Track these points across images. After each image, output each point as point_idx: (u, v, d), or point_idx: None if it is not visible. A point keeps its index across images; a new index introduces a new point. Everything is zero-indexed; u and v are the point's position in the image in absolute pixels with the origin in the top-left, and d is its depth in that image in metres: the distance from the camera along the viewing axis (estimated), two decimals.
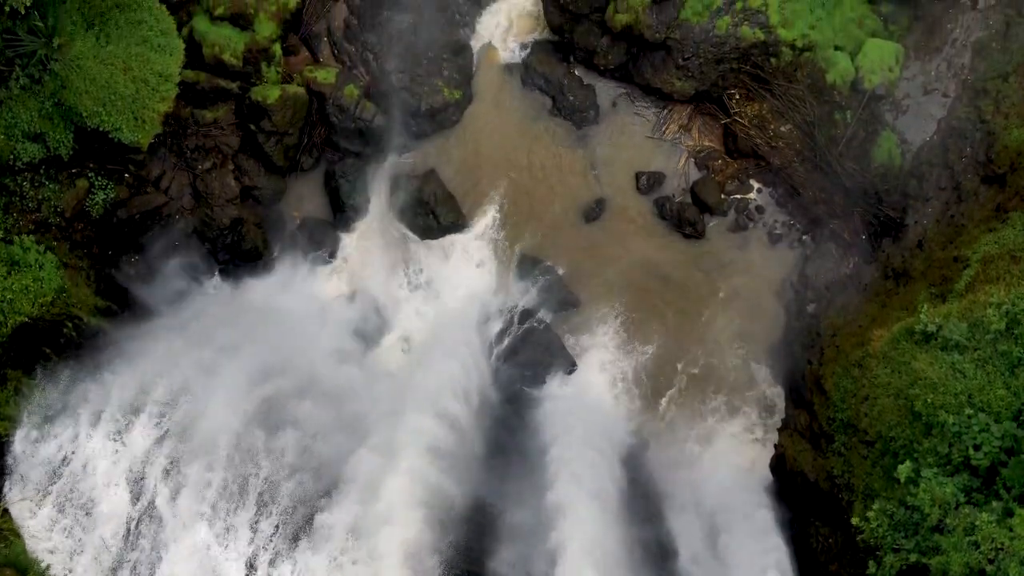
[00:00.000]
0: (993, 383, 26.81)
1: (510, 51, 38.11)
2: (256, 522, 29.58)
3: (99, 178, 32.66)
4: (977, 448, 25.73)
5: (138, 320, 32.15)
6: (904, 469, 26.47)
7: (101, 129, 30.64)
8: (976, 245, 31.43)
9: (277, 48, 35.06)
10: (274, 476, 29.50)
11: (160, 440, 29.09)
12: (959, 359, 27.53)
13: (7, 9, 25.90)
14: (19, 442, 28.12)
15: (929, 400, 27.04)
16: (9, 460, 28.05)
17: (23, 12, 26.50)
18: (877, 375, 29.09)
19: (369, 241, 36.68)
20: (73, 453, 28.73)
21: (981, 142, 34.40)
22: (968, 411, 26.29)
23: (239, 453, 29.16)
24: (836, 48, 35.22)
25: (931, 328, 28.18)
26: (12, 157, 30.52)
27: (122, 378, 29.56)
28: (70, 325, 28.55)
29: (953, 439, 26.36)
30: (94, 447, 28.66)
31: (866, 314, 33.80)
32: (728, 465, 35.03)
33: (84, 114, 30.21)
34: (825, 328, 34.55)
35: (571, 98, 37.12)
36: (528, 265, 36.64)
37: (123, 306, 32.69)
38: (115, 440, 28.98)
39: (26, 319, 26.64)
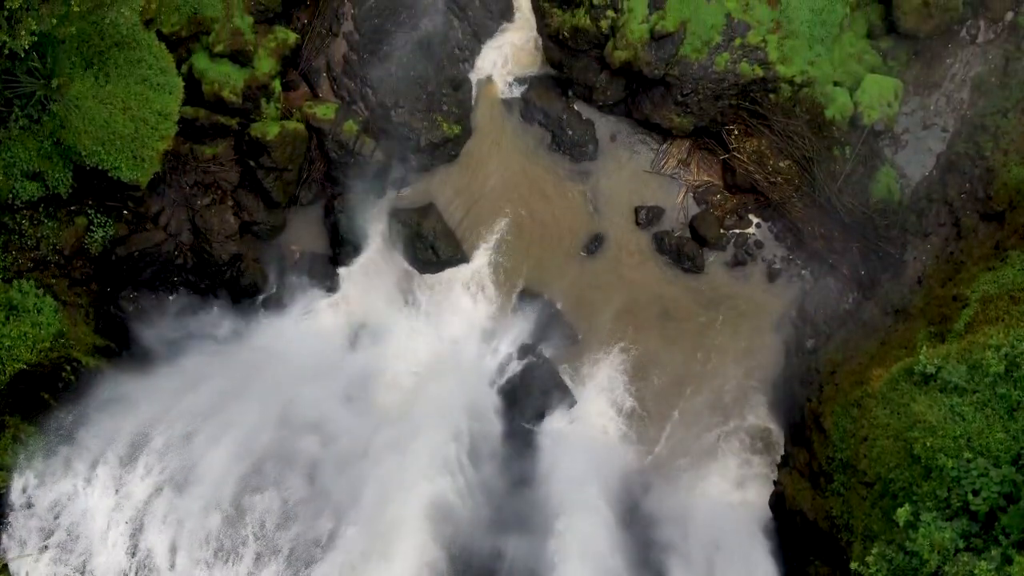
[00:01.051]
0: (992, 427, 26.73)
1: (509, 85, 38.14)
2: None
3: (98, 215, 32.67)
4: (976, 493, 25.64)
5: (137, 360, 32.11)
6: (903, 513, 26.39)
7: (100, 168, 30.64)
8: (975, 284, 31.38)
9: (277, 84, 35.08)
10: (271, 529, 29.33)
11: (159, 490, 28.95)
12: (958, 401, 27.46)
13: (6, 51, 25.89)
14: (17, 493, 28.00)
15: (928, 444, 26.97)
16: (7, 512, 27.87)
17: (22, 55, 26.50)
18: (876, 416, 29.01)
19: (368, 275, 36.63)
20: (71, 503, 28.56)
21: (980, 178, 34.39)
22: (967, 455, 26.22)
23: (235, 509, 29.01)
24: (835, 84, 35.21)
25: (930, 369, 28.11)
26: (11, 196, 30.56)
27: (121, 426, 29.41)
28: (68, 368, 28.46)
29: (952, 484, 26.27)
30: (92, 498, 28.51)
31: (865, 351, 33.72)
32: (727, 501, 34.95)
33: (83, 153, 30.23)
34: (824, 364, 34.47)
35: (570, 132, 37.15)
36: (527, 299, 36.63)
37: (122, 344, 32.66)
38: (114, 491, 28.80)
39: (24, 366, 26.53)
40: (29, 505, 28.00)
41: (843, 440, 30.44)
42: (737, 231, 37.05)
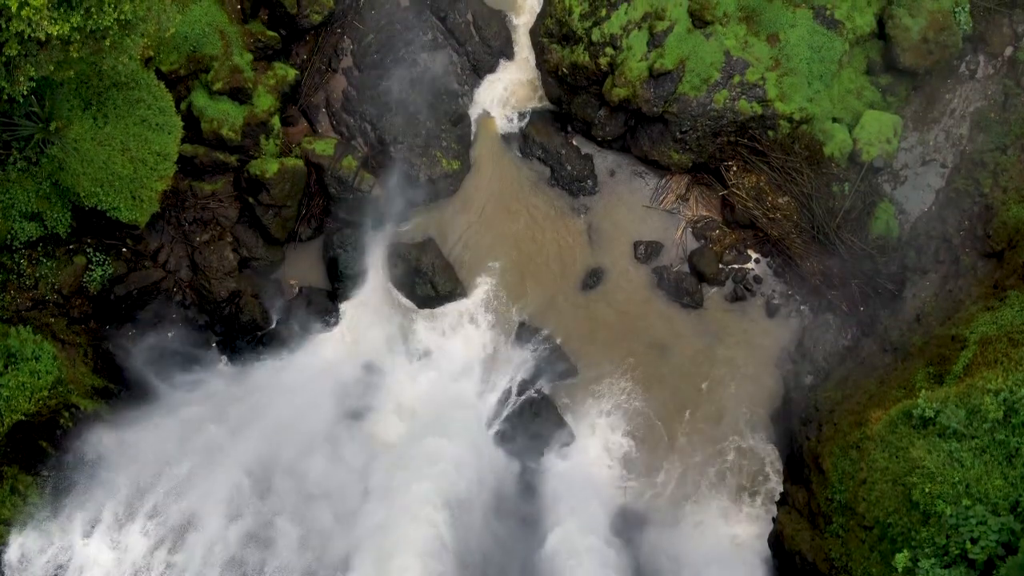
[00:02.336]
0: (991, 473, 26.70)
1: (508, 120, 38.12)
2: None
3: (97, 254, 32.67)
4: (974, 541, 25.63)
5: (135, 401, 31.99)
6: (901, 558, 26.43)
7: (99, 208, 30.64)
8: (974, 324, 31.35)
9: (276, 121, 35.07)
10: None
11: (159, 543, 28.77)
12: (957, 447, 27.43)
13: (4, 97, 25.89)
14: (15, 549, 27.74)
15: (927, 490, 26.94)
16: (4, 571, 27.64)
17: (20, 101, 26.50)
18: (875, 459, 28.98)
19: (367, 310, 36.57)
20: (70, 560, 28.33)
21: (979, 216, 34.40)
22: (966, 502, 26.22)
23: (235, 559, 28.95)
24: (834, 120, 35.22)
25: (929, 413, 28.09)
26: (10, 236, 30.60)
27: (119, 475, 29.22)
28: (67, 415, 28.33)
29: (951, 531, 26.26)
30: (91, 553, 28.28)
31: (864, 390, 33.67)
32: (727, 539, 34.88)
33: (82, 194, 30.24)
34: (823, 402, 34.42)
35: (569, 168, 37.14)
36: (526, 334, 36.59)
37: (120, 383, 32.57)
38: (113, 546, 28.58)
39: (23, 417, 26.46)
40: (28, 561, 27.76)
41: (842, 482, 30.42)
42: (736, 266, 37.02)
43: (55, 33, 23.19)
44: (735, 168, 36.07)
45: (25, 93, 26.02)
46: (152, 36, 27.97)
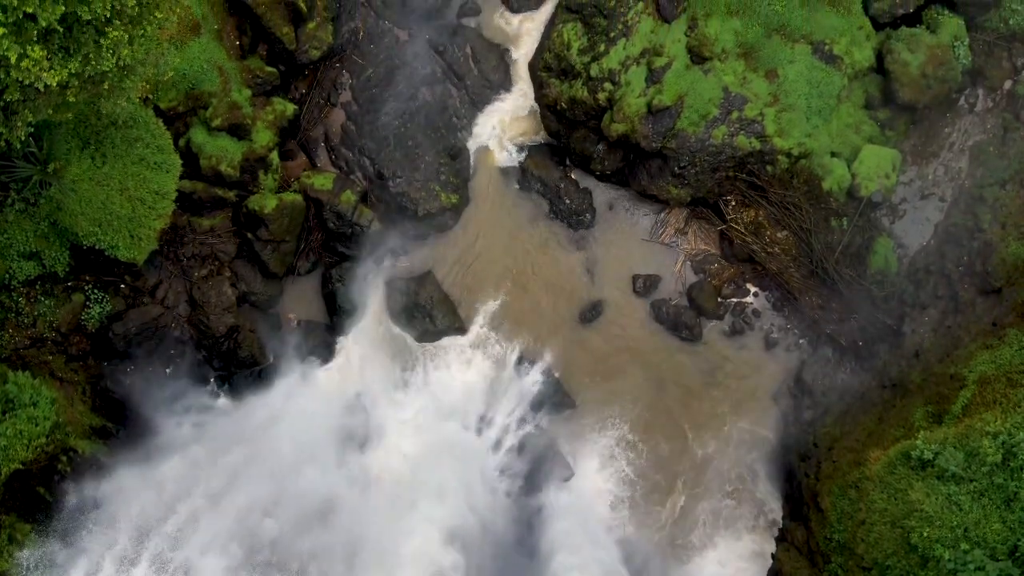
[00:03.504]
0: (989, 517, 26.71)
1: (507, 153, 38.08)
2: None
3: (95, 291, 32.66)
4: None
5: (134, 441, 31.91)
6: None
7: (97, 247, 30.64)
8: (973, 363, 31.33)
9: (275, 156, 35.06)
10: None
11: None
12: (955, 490, 27.43)
13: (2, 142, 25.90)
14: None
15: (925, 534, 26.94)
16: None
17: (19, 146, 26.52)
18: (874, 500, 28.97)
19: (366, 344, 36.55)
20: None
21: (978, 252, 34.35)
22: (964, 546, 26.26)
23: None
24: (833, 154, 35.18)
25: (927, 455, 28.09)
26: (8, 276, 30.61)
27: (118, 522, 28.99)
28: (64, 459, 28.19)
29: (949, 575, 26.24)
30: None
31: (863, 427, 33.64)
32: (726, 574, 34.84)
33: (80, 234, 30.23)
34: (822, 438, 34.39)
35: (568, 201, 37.13)
36: (525, 367, 36.57)
37: (118, 421, 32.53)
38: None
39: (20, 466, 26.37)
40: None
41: (841, 521, 30.39)
42: (735, 300, 37.01)
43: (54, 84, 23.16)
44: (734, 202, 36.06)
45: (23, 138, 26.05)
46: (151, 79, 27.95)
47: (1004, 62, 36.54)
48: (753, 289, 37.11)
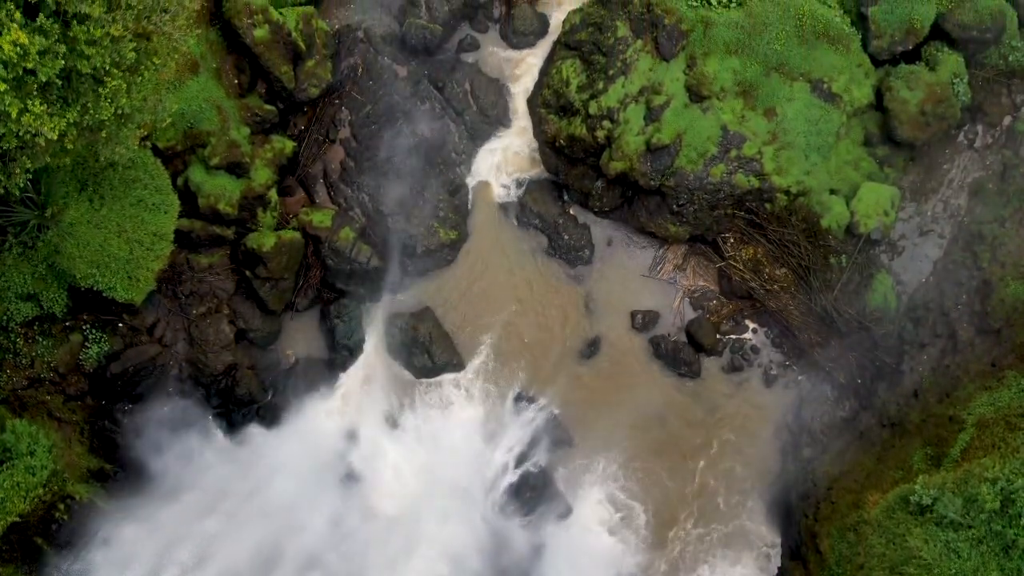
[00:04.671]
0: (987, 564, 26.65)
1: (506, 189, 38.08)
2: None
3: (93, 331, 32.61)
4: None
5: (131, 484, 31.77)
6: None
7: (95, 289, 30.61)
8: (972, 405, 31.32)
9: (273, 194, 35.02)
10: None
11: None
12: (953, 537, 27.36)
13: (1, 189, 25.89)
14: None
15: None
16: None
17: (18, 194, 26.51)
18: (873, 544, 28.93)
19: (364, 380, 36.42)
20: None
21: (977, 290, 34.33)
22: None
23: None
24: (831, 191, 35.18)
25: (926, 500, 28.04)
26: (6, 317, 30.58)
27: (119, 571, 28.86)
28: (62, 507, 28.09)
29: None
30: None
31: (862, 466, 33.61)
32: None
33: (78, 276, 30.19)
34: (821, 477, 34.34)
35: (566, 237, 37.10)
36: (523, 403, 36.52)
37: (115, 462, 32.41)
38: None
39: (18, 518, 26.24)
40: None
41: (840, 564, 30.34)
42: (734, 336, 36.97)
43: (54, 137, 23.18)
44: (732, 240, 36.04)
45: (22, 185, 26.04)
46: (149, 125, 27.94)
47: (1003, 98, 36.56)
48: (752, 326, 37.08)
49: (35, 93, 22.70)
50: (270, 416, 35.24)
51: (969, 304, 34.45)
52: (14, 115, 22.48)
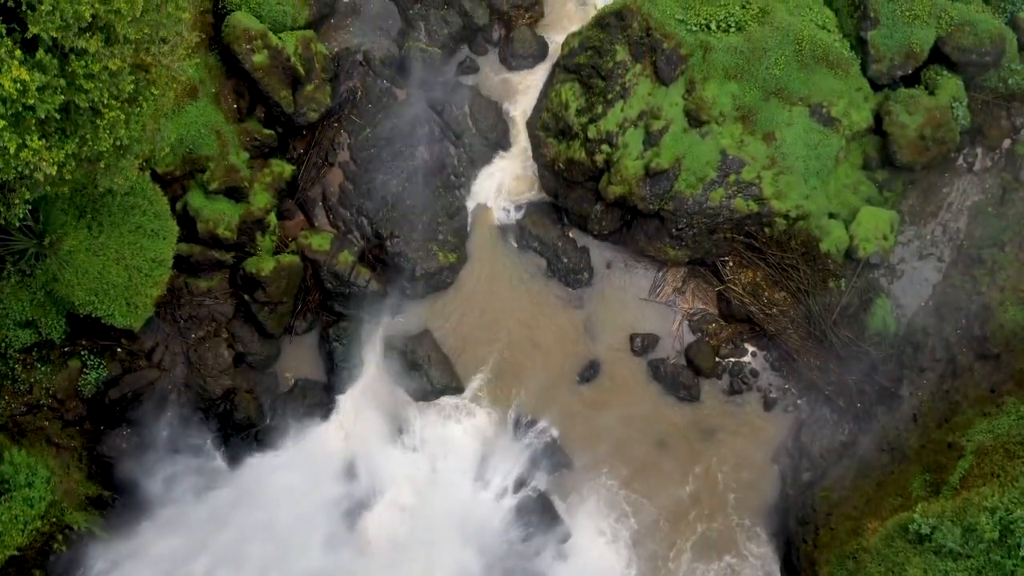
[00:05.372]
0: None
1: (505, 212, 38.04)
2: None
3: (91, 357, 32.61)
4: None
5: (130, 511, 31.70)
6: None
7: (93, 315, 30.59)
8: (971, 432, 31.30)
9: (272, 218, 34.99)
10: None
11: None
12: (952, 567, 27.33)
13: (1, 223, 25.89)
14: None
15: None
16: None
17: (17, 225, 26.49)
18: (871, 573, 28.96)
19: (363, 403, 36.28)
20: None
21: (976, 315, 34.30)
22: None
23: None
24: (830, 215, 35.16)
25: (925, 529, 28.00)
26: (4, 344, 30.57)
27: None
28: (60, 538, 28.01)
29: None
30: None
31: (861, 492, 33.56)
32: None
33: (76, 303, 30.17)
34: (820, 502, 34.28)
35: (565, 260, 37.08)
36: (522, 427, 36.44)
37: (114, 489, 32.36)
38: None
39: (16, 552, 26.18)
40: None
41: None
42: (733, 360, 36.93)
43: (53, 172, 23.16)
44: (731, 263, 36.02)
45: (21, 216, 26.02)
46: (147, 154, 27.91)
47: (1003, 121, 36.55)
48: (751, 349, 37.05)
49: (33, 128, 22.68)
50: (269, 440, 35.15)
51: (968, 328, 34.42)
52: (12, 150, 22.45)
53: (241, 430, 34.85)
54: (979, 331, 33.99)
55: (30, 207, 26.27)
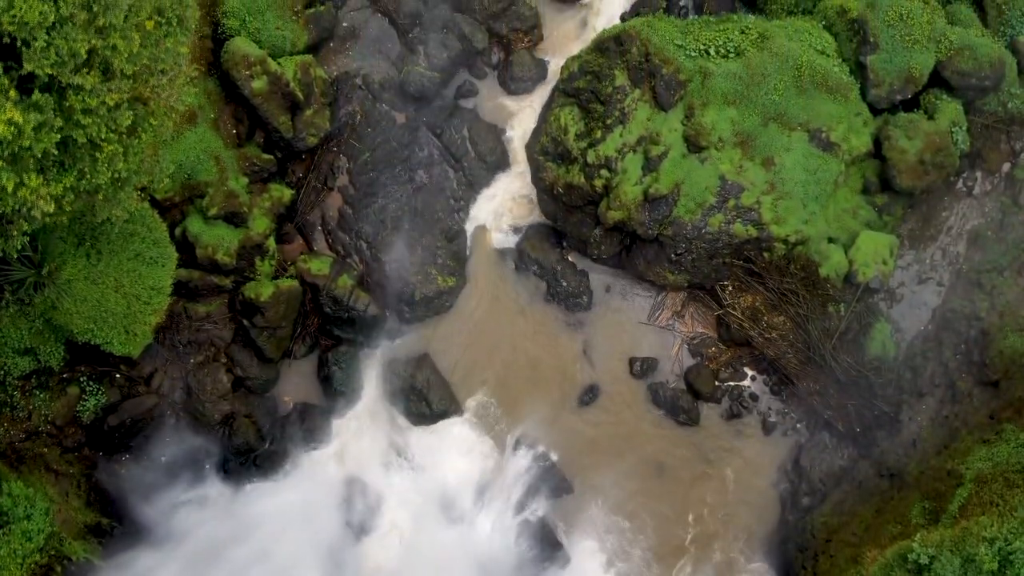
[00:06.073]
0: None
1: (504, 235, 37.98)
2: None
3: (90, 383, 32.64)
4: None
5: (130, 539, 31.72)
6: None
7: (92, 343, 30.61)
8: (970, 459, 31.28)
9: (271, 242, 34.96)
10: None
11: None
12: None
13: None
14: None
15: None
16: None
17: (15, 256, 26.52)
18: None
19: (362, 427, 36.32)
20: None
21: (975, 341, 34.30)
22: None
23: None
24: (830, 239, 35.12)
25: (924, 560, 27.90)
26: (3, 372, 30.61)
27: None
28: (59, 569, 27.98)
29: None
30: None
31: (860, 519, 33.55)
32: None
33: (75, 331, 30.20)
34: (819, 528, 34.29)
35: (565, 284, 37.05)
36: (521, 451, 36.42)
37: (113, 516, 32.40)
38: None
39: None
40: None
41: None
42: (732, 383, 36.90)
43: (50, 210, 23.18)
44: (731, 288, 35.99)
45: (19, 247, 26.03)
46: (146, 186, 27.92)
47: (1003, 145, 36.51)
48: (751, 373, 37.02)
49: (31, 167, 22.68)
50: (268, 465, 35.21)
51: (968, 354, 34.41)
52: (10, 189, 22.48)
53: (240, 455, 34.89)
54: (978, 357, 33.98)
55: (27, 239, 26.28)
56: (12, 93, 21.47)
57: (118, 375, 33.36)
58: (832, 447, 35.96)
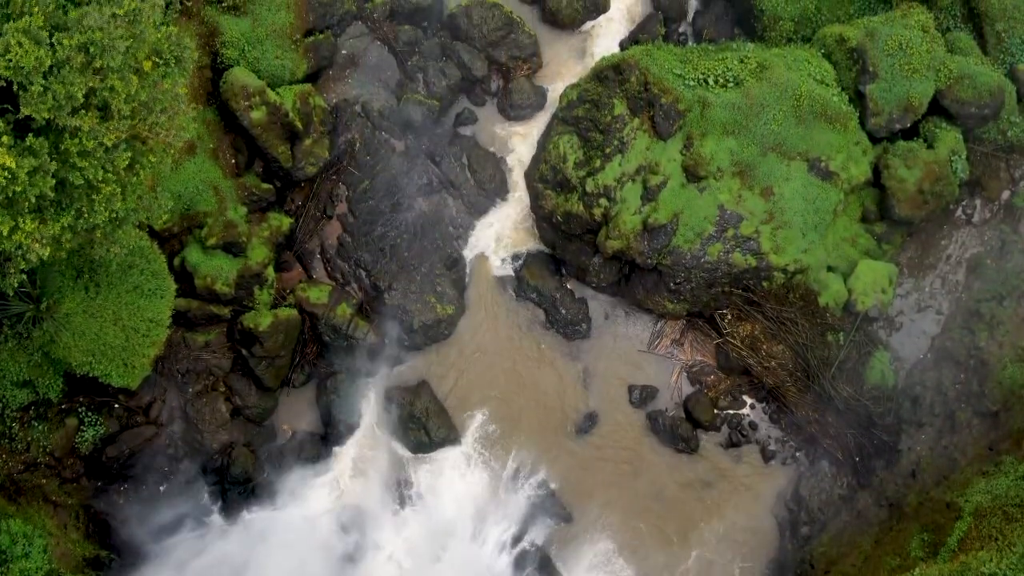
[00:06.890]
0: None
1: (503, 263, 37.89)
2: None
3: (88, 414, 32.64)
4: None
5: (128, 572, 31.72)
6: None
7: (90, 375, 30.61)
8: (969, 492, 31.25)
9: (270, 271, 34.90)
10: None
11: None
12: None
13: None
14: None
15: None
16: None
17: (12, 293, 26.54)
18: None
19: (360, 455, 36.21)
20: None
21: (975, 370, 34.29)
22: None
23: None
24: (829, 268, 35.12)
25: None
26: (1, 404, 30.63)
27: None
28: None
29: None
30: None
31: (859, 549, 33.52)
32: None
33: (73, 364, 30.18)
34: (818, 559, 34.26)
35: (563, 311, 37.01)
36: (521, 479, 36.37)
37: (111, 548, 32.37)
38: None
39: None
40: None
41: None
42: (731, 412, 36.84)
43: (46, 256, 23.19)
44: (730, 316, 35.95)
45: (16, 285, 26.03)
46: (144, 224, 27.94)
47: (1002, 173, 36.54)
48: (750, 401, 36.95)
49: (26, 210, 22.68)
50: (266, 494, 35.15)
51: (967, 384, 34.39)
52: (5, 232, 22.51)
53: (238, 484, 34.84)
54: (977, 387, 33.96)
55: (24, 277, 26.29)
56: (6, 139, 21.47)
57: (117, 405, 33.34)
58: (831, 476, 35.90)
